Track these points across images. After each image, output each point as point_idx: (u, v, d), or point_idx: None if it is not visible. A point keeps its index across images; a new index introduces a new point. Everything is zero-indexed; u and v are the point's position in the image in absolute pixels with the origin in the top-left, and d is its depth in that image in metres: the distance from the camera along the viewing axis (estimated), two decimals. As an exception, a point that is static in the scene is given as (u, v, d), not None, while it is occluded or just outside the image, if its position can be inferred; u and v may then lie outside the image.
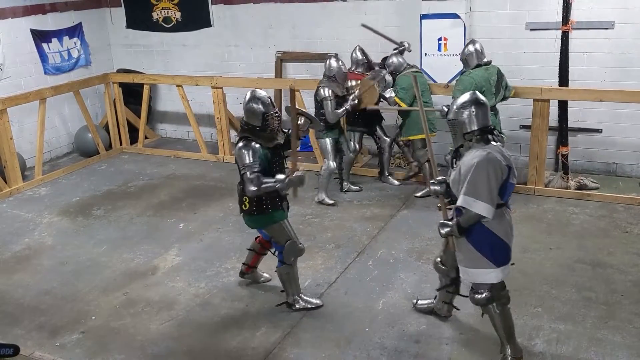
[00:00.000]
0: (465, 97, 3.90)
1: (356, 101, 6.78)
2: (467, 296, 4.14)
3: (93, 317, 4.92)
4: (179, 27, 9.47)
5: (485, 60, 6.44)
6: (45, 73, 9.01)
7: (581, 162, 7.45)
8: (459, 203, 3.79)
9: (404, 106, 6.76)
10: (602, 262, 5.33)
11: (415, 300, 4.78)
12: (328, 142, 6.85)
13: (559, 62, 6.86)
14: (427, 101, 6.79)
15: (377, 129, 7.36)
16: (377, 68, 7.25)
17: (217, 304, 5.01)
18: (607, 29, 6.93)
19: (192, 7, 9.28)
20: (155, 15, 9.57)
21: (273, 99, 8.94)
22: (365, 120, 7.15)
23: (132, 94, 9.46)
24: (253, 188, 4.34)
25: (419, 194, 7.00)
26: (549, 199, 6.76)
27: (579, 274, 5.17)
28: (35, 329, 4.79)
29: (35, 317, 4.96)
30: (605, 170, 7.39)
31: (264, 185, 4.37)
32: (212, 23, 9.22)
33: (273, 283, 5.23)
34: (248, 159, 4.39)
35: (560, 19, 6.79)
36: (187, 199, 7.34)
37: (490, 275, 3.88)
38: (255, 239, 5.15)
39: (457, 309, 4.58)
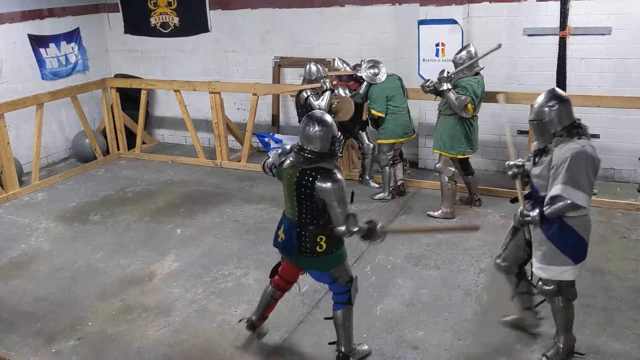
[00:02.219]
0: (546, 95, 3.93)
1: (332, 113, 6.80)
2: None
3: (89, 324, 4.89)
4: (176, 32, 9.47)
5: (477, 68, 6.39)
6: (42, 78, 9.00)
7: (579, 168, 7.44)
8: (556, 192, 3.75)
9: (382, 115, 6.81)
10: (600, 269, 5.32)
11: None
12: None
13: (556, 67, 6.88)
14: (397, 105, 6.81)
15: (362, 133, 7.37)
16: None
17: (214, 310, 4.99)
18: (604, 34, 6.95)
19: (190, 12, 9.29)
20: (153, 21, 9.57)
21: (271, 105, 9.05)
22: (345, 125, 7.08)
23: (129, 99, 9.44)
24: (352, 231, 3.85)
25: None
26: (547, 204, 6.75)
27: (578, 280, 5.07)
28: (31, 336, 4.76)
29: (31, 323, 4.93)
30: (603, 175, 7.38)
31: (355, 234, 3.87)
32: (209, 28, 9.23)
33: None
34: (347, 203, 3.85)
35: (557, 24, 6.81)
36: (185, 204, 7.32)
37: (568, 272, 3.90)
38: (270, 282, 4.44)
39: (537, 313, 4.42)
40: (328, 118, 4.00)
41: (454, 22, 7.19)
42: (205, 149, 9.08)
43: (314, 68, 6.97)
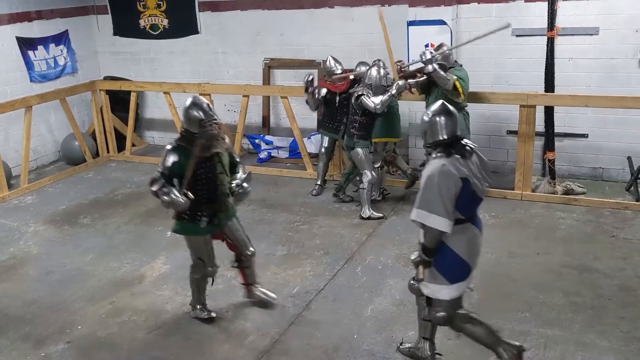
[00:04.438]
0: (437, 107, 3.76)
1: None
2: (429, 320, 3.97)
3: (79, 327, 4.87)
4: (166, 34, 9.45)
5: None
6: (31, 81, 8.95)
7: (568, 167, 7.50)
8: (412, 217, 3.61)
9: None
10: (588, 267, 5.36)
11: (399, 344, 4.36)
12: (361, 152, 6.57)
13: (544, 68, 6.91)
14: (394, 105, 6.76)
15: None
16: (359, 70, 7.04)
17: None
18: (592, 35, 7.00)
19: (179, 14, 9.27)
20: (142, 23, 9.54)
21: (261, 106, 9.04)
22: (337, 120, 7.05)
23: (119, 101, 9.41)
24: (153, 187, 4.36)
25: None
26: (536, 204, 6.79)
27: (566, 278, 5.20)
28: (20, 339, 4.73)
29: (20, 327, 4.90)
30: (591, 175, 7.44)
31: (161, 189, 4.34)
32: (199, 30, 9.22)
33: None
34: (162, 163, 4.43)
35: (545, 25, 6.85)
36: (175, 206, 7.28)
37: (444, 292, 3.72)
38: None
39: (440, 355, 4.17)
40: (201, 102, 4.47)
41: (443, 22, 7.22)
42: (195, 151, 9.05)
43: (374, 73, 6.55)
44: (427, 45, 7.30)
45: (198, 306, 4.88)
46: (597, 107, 6.89)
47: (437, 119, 3.66)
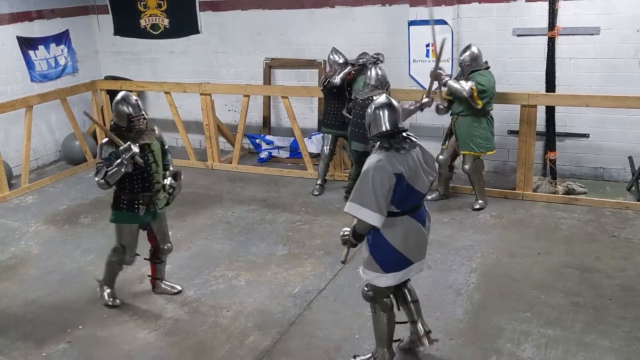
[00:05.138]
0: (380, 100, 3.83)
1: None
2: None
3: (80, 327, 4.86)
4: (166, 34, 9.45)
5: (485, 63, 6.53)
6: (31, 80, 8.95)
7: (569, 167, 7.49)
8: (345, 209, 3.73)
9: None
10: (590, 267, 5.35)
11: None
12: None
13: (545, 67, 6.91)
14: None
15: None
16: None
17: (206, 312, 4.98)
18: (593, 34, 7.00)
19: (180, 14, 9.27)
20: (143, 22, 9.54)
21: (262, 106, 9.03)
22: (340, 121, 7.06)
23: (119, 101, 9.40)
24: (97, 179, 4.63)
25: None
26: (537, 203, 6.79)
27: (567, 278, 5.19)
28: (21, 339, 4.73)
29: (21, 327, 4.90)
30: (592, 174, 7.44)
31: (107, 171, 4.59)
32: (200, 30, 9.21)
33: (266, 294, 5.21)
34: (101, 154, 4.68)
35: (546, 25, 6.85)
36: (175, 206, 7.19)
37: (380, 279, 3.85)
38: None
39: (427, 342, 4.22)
40: (129, 97, 4.70)
41: (444, 22, 7.21)
42: (196, 151, 9.06)
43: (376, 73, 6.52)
44: (427, 45, 7.32)
45: (107, 290, 5.11)
46: (598, 107, 6.88)
47: (380, 112, 3.74)
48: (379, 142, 3.73)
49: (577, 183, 7.07)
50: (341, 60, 7.10)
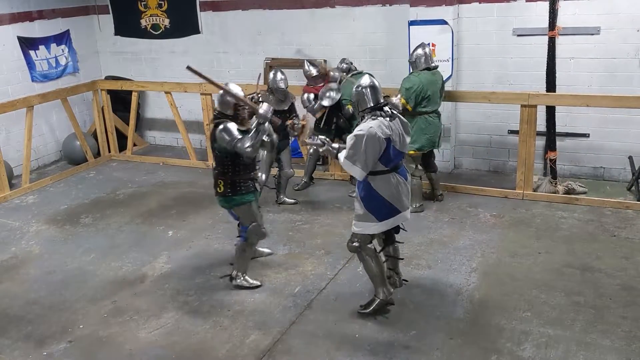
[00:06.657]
0: (363, 81, 4.57)
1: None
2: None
3: (81, 326, 4.87)
4: (167, 34, 9.45)
5: (432, 64, 6.55)
6: (32, 80, 8.95)
7: (569, 167, 7.50)
8: (340, 161, 4.55)
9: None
10: (590, 266, 5.36)
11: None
12: None
13: (546, 67, 6.91)
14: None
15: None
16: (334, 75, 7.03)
17: (206, 312, 4.98)
18: (593, 34, 6.99)
19: (180, 14, 9.27)
20: (143, 22, 9.55)
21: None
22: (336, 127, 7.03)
23: (120, 101, 9.42)
24: (248, 146, 4.71)
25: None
26: (537, 203, 6.79)
27: (568, 278, 5.20)
28: (22, 339, 4.74)
29: (22, 326, 4.91)
30: (593, 174, 7.44)
31: (255, 140, 4.75)
32: (200, 30, 9.22)
33: (266, 293, 5.22)
34: (231, 134, 4.78)
35: (546, 24, 6.85)
36: (176, 206, 7.31)
37: (373, 227, 4.59)
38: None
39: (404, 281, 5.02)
40: (234, 88, 4.91)
41: (444, 22, 7.22)
42: (196, 151, 9.07)
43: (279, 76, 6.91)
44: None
45: (245, 275, 5.30)
46: (599, 107, 6.88)
47: (364, 90, 4.54)
48: (370, 113, 4.47)
49: (578, 183, 7.07)
50: (315, 73, 7.03)
